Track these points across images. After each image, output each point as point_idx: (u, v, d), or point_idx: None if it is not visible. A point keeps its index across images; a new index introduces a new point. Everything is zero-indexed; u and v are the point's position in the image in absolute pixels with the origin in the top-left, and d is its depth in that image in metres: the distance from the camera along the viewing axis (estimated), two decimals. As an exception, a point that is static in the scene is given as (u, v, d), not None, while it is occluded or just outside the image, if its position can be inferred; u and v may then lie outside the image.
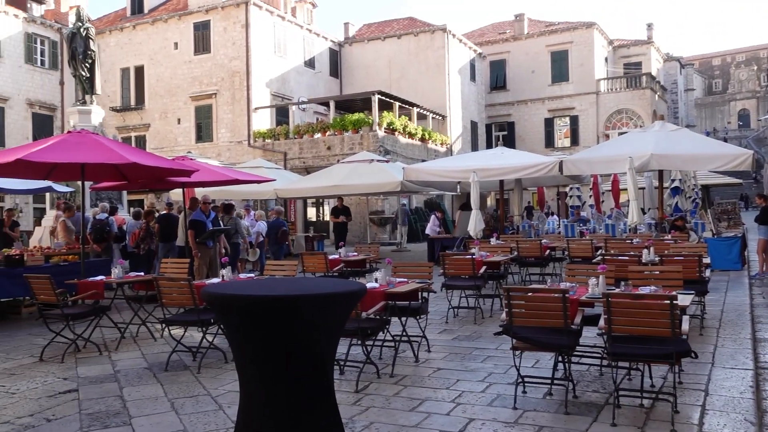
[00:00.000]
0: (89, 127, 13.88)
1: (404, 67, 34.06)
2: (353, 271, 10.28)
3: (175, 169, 9.48)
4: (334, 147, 26.96)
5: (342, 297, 2.87)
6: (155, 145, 30.61)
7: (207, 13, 30.11)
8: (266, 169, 18.84)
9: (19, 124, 30.20)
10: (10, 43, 29.86)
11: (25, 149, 8.31)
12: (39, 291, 7.01)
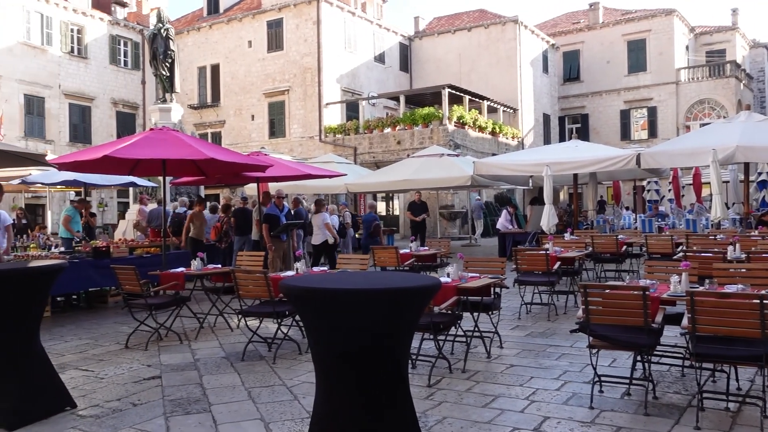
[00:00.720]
0: (169, 124, 14.42)
1: (474, 60, 33.70)
2: (424, 265, 10.26)
3: (251, 164, 9.72)
4: (403, 141, 26.99)
5: (418, 291, 2.87)
6: (230, 141, 31.48)
7: (280, 11, 30.69)
8: (337, 164, 19.06)
9: (104, 122, 31.68)
10: (95, 46, 31.35)
11: (110, 146, 8.71)
12: (124, 281, 7.34)
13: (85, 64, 30.82)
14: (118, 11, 33.64)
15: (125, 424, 4.52)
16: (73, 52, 30.28)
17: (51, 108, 29.23)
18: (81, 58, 30.65)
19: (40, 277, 4.62)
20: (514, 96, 32.61)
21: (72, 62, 30.20)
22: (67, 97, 29.91)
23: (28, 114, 28.32)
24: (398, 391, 3.02)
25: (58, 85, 29.52)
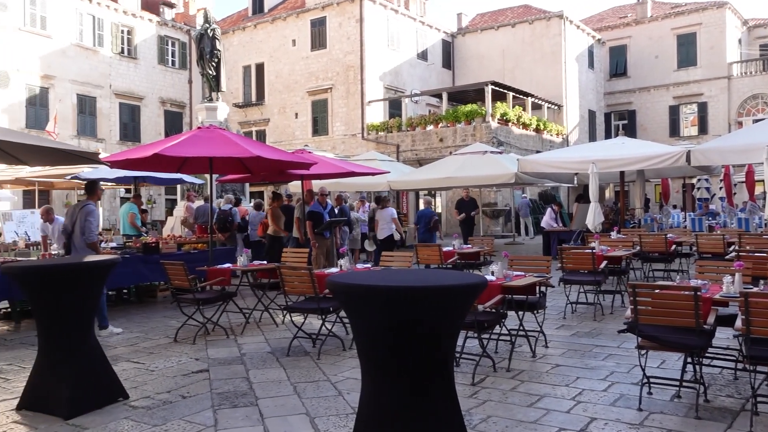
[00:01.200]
0: (216, 123, 14.70)
1: (518, 56, 33.34)
2: (467, 263, 10.22)
3: (295, 161, 9.83)
4: (446, 139, 26.89)
5: (464, 289, 2.87)
6: (274, 139, 31.87)
7: (323, 9, 30.90)
8: (379, 161, 19.11)
9: (153, 121, 32.43)
10: (145, 46, 32.11)
11: (160, 144, 8.92)
12: (174, 277, 7.52)
13: (134, 64, 31.60)
14: (166, 12, 34.38)
15: (175, 416, 4.64)
16: (123, 53, 31.07)
17: (102, 107, 30.07)
18: (131, 58, 31.43)
19: (95, 271, 4.77)
20: (558, 92, 32.15)
21: (122, 63, 31.00)
22: (117, 97, 30.72)
23: (81, 113, 29.19)
24: (444, 388, 3.02)
25: (109, 85, 30.34)
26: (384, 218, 13.30)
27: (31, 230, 12.98)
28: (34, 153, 8.22)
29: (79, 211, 7.55)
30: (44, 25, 27.60)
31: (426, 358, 2.91)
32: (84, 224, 7.44)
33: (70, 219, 7.62)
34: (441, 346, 2.98)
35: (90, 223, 7.46)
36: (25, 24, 26.87)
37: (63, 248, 8.10)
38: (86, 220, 7.46)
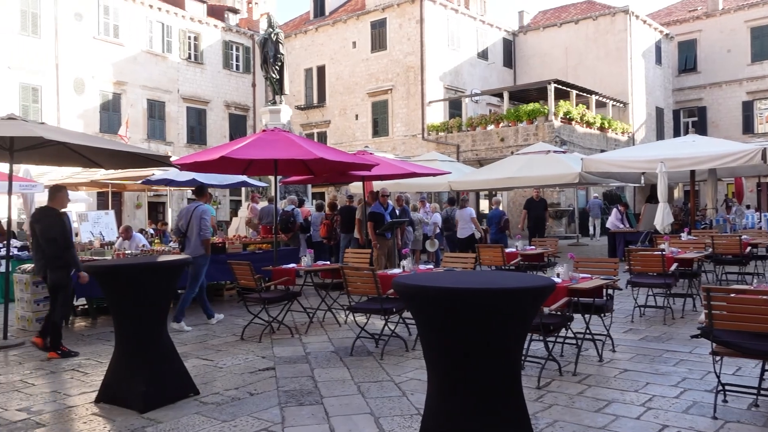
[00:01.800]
0: (279, 125, 14.95)
1: (582, 53, 32.63)
2: (530, 265, 10.08)
3: (357, 163, 9.92)
4: (507, 138, 26.59)
5: (532, 292, 2.84)
6: (335, 141, 32.23)
7: (383, 11, 31.05)
8: (440, 161, 19.05)
9: (218, 124, 33.31)
10: (210, 51, 33.02)
11: (227, 147, 9.17)
12: (240, 276, 7.71)
13: (201, 69, 32.53)
14: (230, 18, 35.25)
15: (244, 412, 4.76)
16: (190, 59, 32.04)
17: (171, 111, 31.08)
18: (197, 63, 32.37)
19: (168, 270, 4.95)
20: (624, 89, 31.30)
21: (189, 68, 31.96)
22: (184, 101, 31.70)
23: (151, 117, 30.25)
24: (511, 391, 3.00)
25: (177, 90, 31.33)
26: (464, 218, 13.80)
27: (105, 230, 13.53)
28: (110, 157, 8.58)
29: (193, 212, 8.28)
30: (117, 34, 28.74)
31: (493, 361, 2.89)
32: (200, 223, 8.17)
33: (184, 219, 8.33)
34: (508, 348, 2.96)
35: (204, 221, 8.21)
36: (99, 33, 28.05)
37: (178, 245, 8.92)
38: (201, 219, 8.19)
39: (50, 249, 6.67)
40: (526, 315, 3.02)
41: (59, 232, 6.67)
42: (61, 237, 6.68)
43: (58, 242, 6.66)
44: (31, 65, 25.51)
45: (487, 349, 2.84)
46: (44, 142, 7.64)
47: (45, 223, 6.72)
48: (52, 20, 26.32)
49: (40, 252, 6.81)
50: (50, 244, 6.66)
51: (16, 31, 25.10)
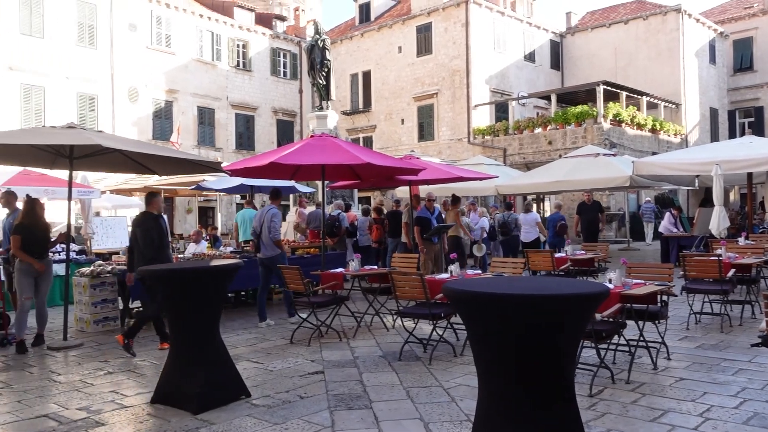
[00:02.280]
0: (326, 131, 15.13)
1: (632, 54, 31.96)
2: (580, 270, 9.91)
3: (404, 167, 9.94)
4: (555, 141, 26.22)
5: (587, 298, 2.80)
6: (381, 145, 32.33)
7: (429, 15, 31.05)
8: (487, 165, 18.94)
9: (266, 130, 33.84)
10: (258, 59, 33.59)
11: (276, 153, 9.30)
12: (290, 280, 7.81)
13: (249, 76, 33.11)
14: (278, 25, 35.78)
15: (294, 415, 4.81)
16: (238, 66, 32.64)
17: (220, 118, 31.72)
18: (245, 71, 32.95)
19: (220, 274, 5.05)
20: (676, 90, 30.52)
21: (238, 75, 32.56)
22: (233, 108, 32.31)
23: (201, 124, 30.93)
24: (565, 399, 2.96)
25: (226, 97, 31.95)
26: (528, 222, 14.12)
27: (158, 235, 13.88)
28: (164, 163, 8.82)
29: (265, 214, 8.74)
30: (169, 43, 29.50)
31: (546, 369, 2.86)
32: (270, 225, 8.62)
33: (258, 222, 8.81)
34: (561, 356, 2.92)
35: (274, 223, 8.68)
36: (152, 43, 28.84)
37: (252, 247, 9.41)
38: (271, 221, 8.65)
39: (148, 250, 7.20)
40: (580, 322, 2.97)
41: (157, 234, 7.27)
42: (158, 238, 7.28)
43: (155, 243, 7.23)
44: (88, 75, 26.38)
45: (540, 356, 2.81)
46: (102, 150, 7.90)
47: (144, 226, 7.28)
48: (108, 31, 27.19)
49: (139, 253, 7.29)
50: (148, 245, 7.21)
51: (73, 42, 26.02)
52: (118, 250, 12.43)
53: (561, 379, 2.93)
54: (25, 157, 8.57)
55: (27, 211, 7.52)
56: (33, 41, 24.72)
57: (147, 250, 7.20)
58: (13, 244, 7.31)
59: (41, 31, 25.01)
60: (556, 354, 2.88)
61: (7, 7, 23.93)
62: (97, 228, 14.13)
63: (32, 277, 7.49)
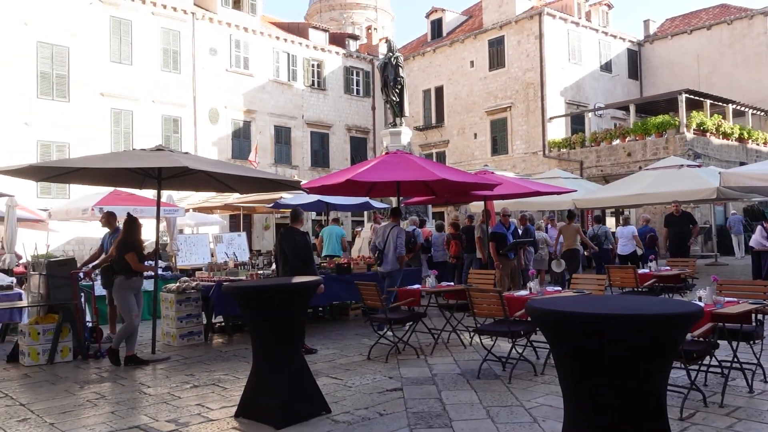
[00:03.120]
0: (399, 147, 15.22)
1: (715, 60, 30.71)
2: (666, 287, 9.53)
3: (479, 183, 9.88)
4: (635, 153, 25.42)
5: (679, 319, 2.69)
6: (454, 160, 32.25)
7: (501, 29, 30.87)
8: (563, 179, 18.54)
9: (339, 147, 34.40)
10: (332, 78, 34.28)
11: (352, 170, 9.44)
12: (367, 296, 7.87)
13: (323, 95, 33.81)
14: (350, 44, 36.44)
15: (374, 432, 4.82)
16: (313, 85, 33.40)
17: (296, 136, 32.49)
18: (320, 90, 33.68)
19: (303, 290, 5.15)
20: (765, 97, 29.05)
21: (313, 94, 33.32)
22: (309, 126, 33.04)
23: (278, 143, 31.77)
24: (655, 422, 2.84)
25: (302, 116, 32.73)
26: (625, 235, 14.12)
27: (238, 251, 14.31)
28: (244, 182, 9.11)
29: (390, 231, 9.48)
30: (247, 65, 30.54)
31: (636, 391, 2.76)
32: (396, 241, 9.39)
33: (381, 238, 9.53)
34: (651, 377, 2.81)
35: (400, 240, 9.44)
36: (231, 65, 29.93)
37: (375, 261, 10.10)
38: (397, 237, 9.40)
39: (296, 262, 7.81)
40: (672, 343, 2.86)
41: (303, 248, 7.95)
42: (304, 252, 7.93)
43: (301, 256, 7.85)
44: (172, 98, 27.62)
45: (630, 379, 2.72)
46: (187, 170, 8.24)
47: (291, 241, 7.92)
48: (190, 56, 28.41)
49: (287, 265, 7.91)
50: (296, 258, 7.83)
51: (158, 67, 27.33)
52: (201, 267, 12.87)
53: (651, 401, 2.82)
54: (117, 178, 9.06)
55: (132, 229, 7.86)
56: (122, 68, 26.12)
57: (296, 262, 7.79)
58: (131, 260, 7.67)
59: (129, 58, 26.41)
60: (645, 376, 2.77)
61: (98, 38, 25.42)
62: (182, 245, 14.69)
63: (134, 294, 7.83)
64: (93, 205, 13.41)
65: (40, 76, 23.83)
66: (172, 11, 27.74)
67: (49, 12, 24.09)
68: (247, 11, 30.87)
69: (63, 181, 8.82)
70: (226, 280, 9.10)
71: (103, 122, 25.45)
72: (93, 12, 25.34)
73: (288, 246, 7.88)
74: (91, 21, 25.22)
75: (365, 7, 48.72)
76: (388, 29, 48.83)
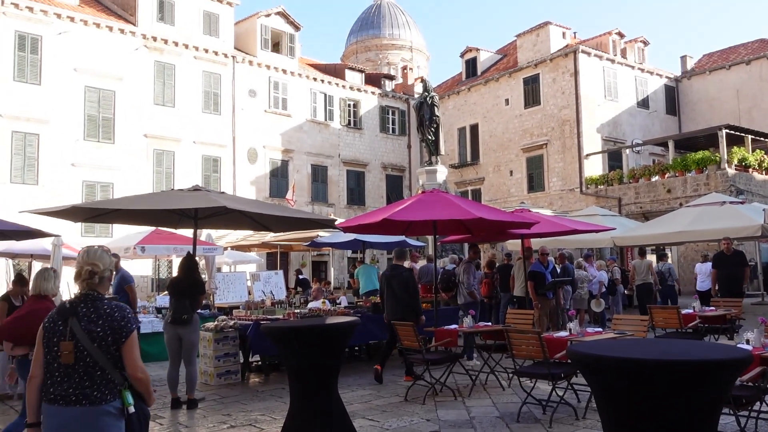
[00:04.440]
0: (435, 185, 15.28)
1: (756, 95, 30.23)
2: (710, 328, 9.25)
3: (516, 221, 9.81)
4: (674, 189, 24.98)
5: (729, 365, 2.62)
6: (489, 197, 32.14)
7: (536, 67, 30.99)
8: (601, 216, 18.27)
9: (375, 185, 34.64)
10: (368, 117, 34.74)
11: (388, 210, 9.47)
12: (403, 336, 7.82)
13: (359, 134, 34.23)
14: (386, 84, 36.96)
15: (412, 477, 4.74)
16: (349, 125, 33.87)
17: (332, 175, 32.85)
18: (356, 129, 34.12)
19: (340, 331, 5.15)
20: (810, 131, 28.38)
21: (349, 133, 33.77)
22: (345, 165, 33.40)
23: (314, 181, 32.15)
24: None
25: (338, 155, 33.13)
26: (704, 272, 14.82)
27: (275, 289, 14.38)
28: (279, 221, 9.22)
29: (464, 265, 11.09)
30: (285, 106, 31.18)
31: (684, 439, 2.68)
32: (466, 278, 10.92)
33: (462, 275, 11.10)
34: (701, 425, 2.73)
35: (470, 276, 10.97)
36: (270, 106, 30.59)
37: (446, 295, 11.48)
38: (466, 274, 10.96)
39: (406, 297, 8.45)
40: (720, 389, 2.78)
41: (412, 284, 8.66)
42: (413, 287, 8.62)
43: (410, 292, 8.52)
44: (213, 139, 28.27)
45: (678, 426, 2.64)
46: (224, 210, 8.39)
47: (400, 278, 8.59)
48: (230, 98, 29.14)
49: (396, 299, 8.53)
50: (406, 294, 8.47)
51: (199, 109, 28.07)
52: (239, 305, 12.97)
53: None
54: (156, 218, 9.26)
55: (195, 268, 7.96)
56: (165, 110, 26.90)
57: (406, 297, 8.43)
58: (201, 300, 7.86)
59: (172, 100, 27.20)
60: (693, 423, 2.69)
61: (143, 82, 26.30)
62: (220, 283, 14.85)
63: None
64: (135, 244, 13.72)
65: (87, 119, 24.69)
66: (214, 55, 28.58)
67: (97, 58, 25.06)
68: (286, 54, 31.64)
69: (104, 221, 9.08)
70: (263, 319, 9.16)
71: (146, 163, 26.14)
72: (139, 57, 26.28)
73: (397, 283, 8.51)
74: (136, 66, 26.15)
75: (401, 47, 49.53)
76: (423, 69, 49.45)
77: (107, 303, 3.17)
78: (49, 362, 3.06)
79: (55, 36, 24.08)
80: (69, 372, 3.02)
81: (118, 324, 3.08)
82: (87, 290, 3.17)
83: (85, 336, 3.02)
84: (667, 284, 14.48)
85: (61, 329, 3.06)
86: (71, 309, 3.10)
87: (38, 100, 23.52)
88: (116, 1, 27.74)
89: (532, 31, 31.83)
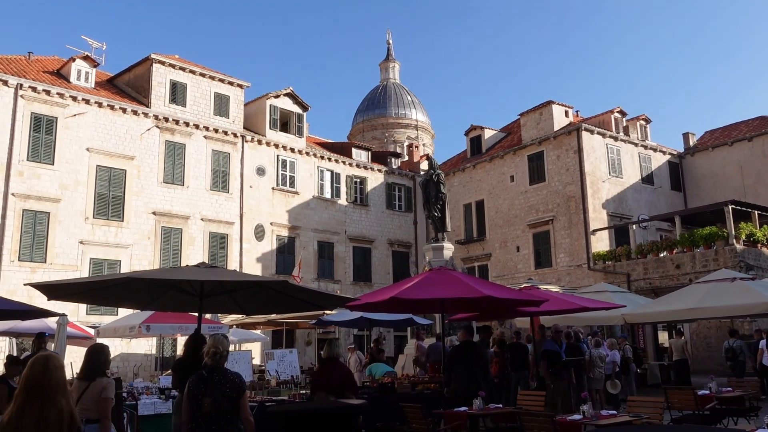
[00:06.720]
0: (441, 262, 15.25)
1: (759, 171, 30.49)
2: (728, 410, 8.97)
3: (525, 300, 9.72)
4: (683, 265, 24.81)
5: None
6: (497, 273, 31.98)
7: (540, 144, 31.48)
8: (611, 293, 18.07)
9: (381, 261, 34.59)
10: (375, 194, 35.11)
11: (396, 288, 9.43)
12: (412, 419, 7.60)
13: (365, 211, 34.50)
14: (392, 162, 37.56)
15: None
16: (356, 202, 34.20)
17: (338, 251, 32.89)
18: (362, 206, 34.42)
19: (348, 413, 5.02)
20: (816, 206, 28.43)
21: (355, 210, 34.04)
22: (351, 241, 33.50)
23: (321, 258, 32.15)
24: None
25: (344, 231, 33.28)
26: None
27: (288, 368, 14.09)
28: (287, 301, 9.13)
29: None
30: (292, 184, 31.61)
31: None
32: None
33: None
34: None
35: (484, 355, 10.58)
36: (277, 184, 31.02)
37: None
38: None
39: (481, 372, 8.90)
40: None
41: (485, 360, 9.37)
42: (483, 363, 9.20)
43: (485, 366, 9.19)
44: (220, 216, 28.54)
45: None
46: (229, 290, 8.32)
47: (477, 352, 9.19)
48: (238, 176, 29.60)
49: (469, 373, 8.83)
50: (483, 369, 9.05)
51: (208, 187, 28.47)
52: (243, 385, 12.69)
53: None
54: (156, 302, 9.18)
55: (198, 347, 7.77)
56: (174, 189, 27.30)
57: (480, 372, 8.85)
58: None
59: (182, 179, 27.64)
60: None
61: (154, 161, 26.82)
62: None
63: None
64: (140, 323, 13.62)
65: (97, 197, 25.03)
66: (223, 135, 29.23)
67: (109, 138, 25.67)
68: (294, 133, 32.36)
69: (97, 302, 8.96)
70: (267, 400, 8.95)
71: (154, 240, 26.29)
72: (150, 138, 26.91)
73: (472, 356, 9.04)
74: (147, 146, 26.73)
75: (406, 126, 50.66)
76: (428, 147, 50.38)
77: (230, 372, 4.83)
78: (194, 411, 4.63)
79: (69, 117, 24.76)
80: (208, 418, 4.61)
81: (239, 386, 4.76)
82: (214, 364, 4.79)
83: (220, 393, 4.61)
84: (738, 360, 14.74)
85: (203, 390, 4.65)
86: (209, 376, 4.71)
87: (50, 179, 23.95)
88: (131, 84, 28.68)
89: (535, 109, 32.53)
